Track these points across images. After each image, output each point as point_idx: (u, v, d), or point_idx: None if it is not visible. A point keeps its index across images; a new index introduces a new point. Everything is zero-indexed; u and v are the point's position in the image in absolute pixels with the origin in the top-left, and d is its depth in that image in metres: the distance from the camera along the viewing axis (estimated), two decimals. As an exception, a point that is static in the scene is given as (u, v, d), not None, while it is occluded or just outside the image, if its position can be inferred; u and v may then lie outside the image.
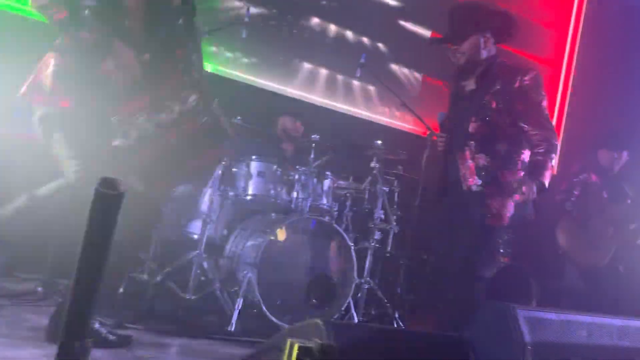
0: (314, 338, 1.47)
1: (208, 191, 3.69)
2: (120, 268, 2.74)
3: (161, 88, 2.41)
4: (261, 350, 1.75)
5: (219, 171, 3.64)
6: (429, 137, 3.71)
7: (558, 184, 4.54)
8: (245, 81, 4.78)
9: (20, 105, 2.40)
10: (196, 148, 2.55)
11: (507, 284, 4.63)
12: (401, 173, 4.31)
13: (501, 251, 4.92)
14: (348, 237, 3.70)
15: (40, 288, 3.11)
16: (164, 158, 2.45)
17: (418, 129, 5.21)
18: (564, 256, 4.60)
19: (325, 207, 3.82)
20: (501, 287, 4.51)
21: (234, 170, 3.80)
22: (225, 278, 3.62)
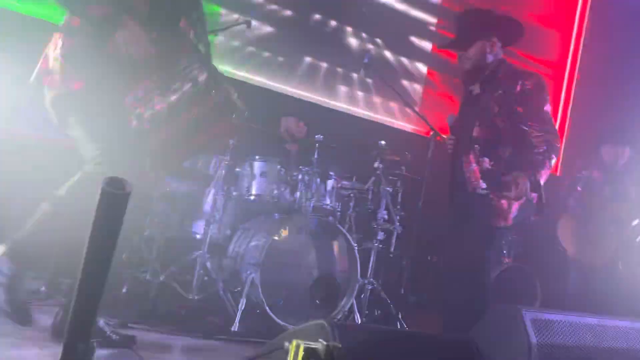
0: (319, 339, 1.46)
1: (211, 191, 3.69)
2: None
3: (170, 67, 2.35)
4: (265, 350, 1.74)
5: (223, 171, 3.64)
6: (432, 138, 3.71)
7: (562, 186, 4.54)
8: (248, 81, 4.77)
9: (21, 105, 2.37)
10: (208, 123, 2.50)
11: (511, 285, 4.63)
12: (404, 173, 4.30)
13: (505, 252, 4.92)
14: (351, 238, 3.69)
15: (44, 287, 3.11)
16: (177, 139, 2.39)
17: (421, 129, 5.20)
18: (567, 256, 4.58)
19: (328, 208, 3.81)
20: (505, 288, 4.51)
21: (238, 170, 3.80)
22: (228, 278, 3.62)
